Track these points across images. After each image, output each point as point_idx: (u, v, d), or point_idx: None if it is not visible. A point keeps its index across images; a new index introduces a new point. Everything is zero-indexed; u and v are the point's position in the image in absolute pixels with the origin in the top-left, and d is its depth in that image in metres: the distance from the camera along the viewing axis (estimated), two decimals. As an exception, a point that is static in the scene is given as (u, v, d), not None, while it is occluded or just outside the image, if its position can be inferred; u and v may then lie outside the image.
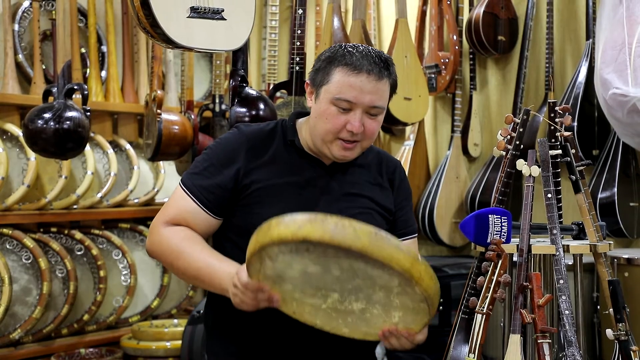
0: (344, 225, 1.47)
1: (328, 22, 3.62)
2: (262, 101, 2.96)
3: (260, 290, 1.62)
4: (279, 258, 1.55)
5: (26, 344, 3.45)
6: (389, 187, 2.00)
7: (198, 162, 1.90)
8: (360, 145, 1.85)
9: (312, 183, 1.89)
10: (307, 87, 1.90)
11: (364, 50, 1.81)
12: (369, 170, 1.98)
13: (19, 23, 3.63)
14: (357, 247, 1.46)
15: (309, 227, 1.47)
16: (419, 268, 1.54)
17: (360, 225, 1.48)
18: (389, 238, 1.50)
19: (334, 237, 1.46)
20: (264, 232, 1.52)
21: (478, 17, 3.68)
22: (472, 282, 2.44)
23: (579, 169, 2.31)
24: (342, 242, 1.46)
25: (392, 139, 4.33)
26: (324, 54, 1.85)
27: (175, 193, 1.89)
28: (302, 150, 1.91)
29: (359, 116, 1.79)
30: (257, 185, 1.85)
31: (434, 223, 3.77)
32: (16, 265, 3.40)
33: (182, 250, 1.78)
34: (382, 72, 1.80)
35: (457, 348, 2.44)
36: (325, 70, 1.82)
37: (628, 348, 2.15)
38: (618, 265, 2.80)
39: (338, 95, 1.78)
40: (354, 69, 1.78)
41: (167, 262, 1.85)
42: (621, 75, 2.84)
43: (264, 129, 1.93)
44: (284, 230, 1.49)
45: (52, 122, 2.86)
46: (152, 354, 3.47)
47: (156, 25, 2.32)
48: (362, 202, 1.93)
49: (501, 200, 2.38)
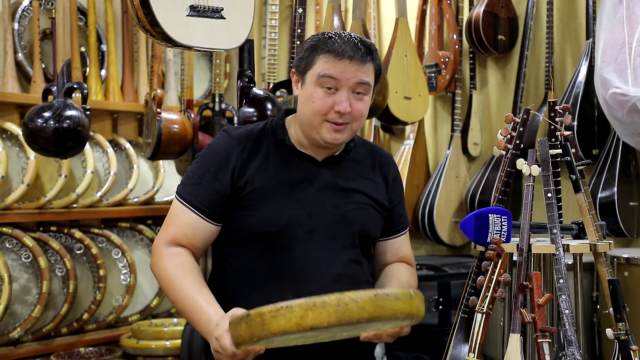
0: (346, 303, 1.47)
1: (328, 22, 3.62)
2: (270, 101, 2.96)
3: (246, 355, 1.63)
4: (276, 340, 1.54)
5: (26, 343, 3.44)
6: (382, 182, 2.00)
7: (192, 172, 1.90)
8: (350, 128, 1.85)
9: (305, 180, 1.89)
10: (293, 76, 1.91)
11: (346, 36, 1.83)
12: (362, 165, 1.98)
13: (18, 22, 3.63)
14: (364, 317, 1.48)
15: (313, 315, 1.46)
16: (416, 304, 1.57)
17: (359, 294, 1.49)
18: (388, 293, 1.53)
19: (341, 318, 1.47)
20: (259, 326, 1.49)
21: (478, 16, 3.68)
22: (472, 281, 2.43)
23: (579, 168, 2.31)
24: (349, 319, 1.47)
25: (392, 138, 4.33)
26: (306, 43, 1.87)
27: (173, 207, 1.89)
28: (293, 148, 1.91)
29: (346, 95, 1.81)
30: (251, 187, 1.85)
31: (433, 222, 3.77)
32: (16, 264, 3.40)
33: (174, 281, 1.80)
34: (364, 57, 1.82)
35: (457, 347, 2.44)
36: (309, 58, 1.84)
37: (628, 347, 2.15)
38: (618, 264, 2.80)
39: (322, 72, 1.80)
40: (336, 55, 1.79)
41: (162, 288, 1.88)
42: (621, 75, 2.84)
43: (253, 130, 1.93)
44: (285, 323, 1.47)
45: (52, 121, 2.86)
46: (151, 353, 3.47)
47: (155, 23, 2.31)
48: (357, 197, 1.93)
49: (501, 199, 2.38)
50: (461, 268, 3.55)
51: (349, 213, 1.90)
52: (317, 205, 1.87)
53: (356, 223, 1.91)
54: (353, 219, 1.90)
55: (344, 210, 1.90)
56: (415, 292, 1.58)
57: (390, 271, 2.03)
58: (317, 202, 1.87)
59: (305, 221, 1.85)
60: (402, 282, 1.96)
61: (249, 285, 1.87)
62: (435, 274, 3.50)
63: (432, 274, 3.49)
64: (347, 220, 1.89)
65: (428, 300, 3.43)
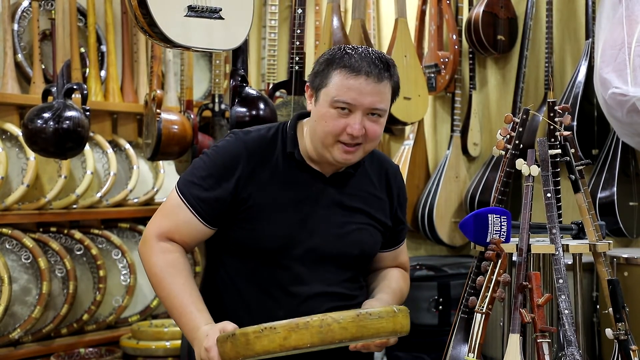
0: (328, 324, 1.51)
1: (327, 22, 3.62)
2: (262, 101, 2.95)
3: None
4: (262, 358, 1.57)
5: (26, 343, 3.44)
6: (387, 199, 1.98)
7: (196, 168, 1.86)
8: (362, 148, 1.82)
9: (311, 197, 1.86)
10: (307, 90, 1.86)
11: (364, 52, 1.78)
12: (368, 180, 1.95)
13: (18, 23, 3.63)
14: (347, 338, 1.53)
15: (296, 337, 1.50)
16: (400, 320, 1.60)
17: (342, 315, 1.53)
18: (371, 313, 1.56)
19: (323, 339, 1.51)
20: (244, 345, 1.53)
21: (477, 16, 3.68)
22: (471, 281, 2.43)
23: (579, 168, 2.31)
24: (332, 339, 1.52)
25: (391, 138, 4.33)
26: (323, 57, 1.82)
27: (171, 198, 1.86)
28: (302, 162, 1.87)
29: (359, 119, 1.76)
30: (254, 200, 1.82)
31: (433, 222, 3.77)
32: (15, 265, 3.40)
33: (164, 279, 1.78)
34: (381, 74, 1.76)
35: (457, 348, 2.44)
36: (324, 73, 1.79)
37: (627, 347, 2.15)
38: (617, 264, 2.80)
39: (337, 97, 1.75)
40: (352, 71, 1.74)
41: (151, 282, 1.85)
42: (621, 75, 2.84)
43: (265, 137, 1.88)
44: (268, 344, 1.51)
45: (52, 121, 2.86)
46: (151, 354, 3.46)
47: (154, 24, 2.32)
48: (359, 218, 1.91)
49: (500, 199, 2.37)
50: (461, 268, 3.56)
51: (351, 234, 1.89)
52: (320, 224, 1.85)
53: (356, 246, 1.90)
54: (354, 241, 1.89)
55: (346, 230, 1.88)
56: (399, 308, 1.60)
57: (383, 275, 2.04)
58: (320, 221, 1.86)
59: (306, 240, 1.84)
60: (393, 288, 1.97)
61: (239, 299, 1.86)
62: (435, 274, 3.50)
63: (432, 274, 3.50)
64: (348, 242, 1.88)
65: (428, 300, 3.44)
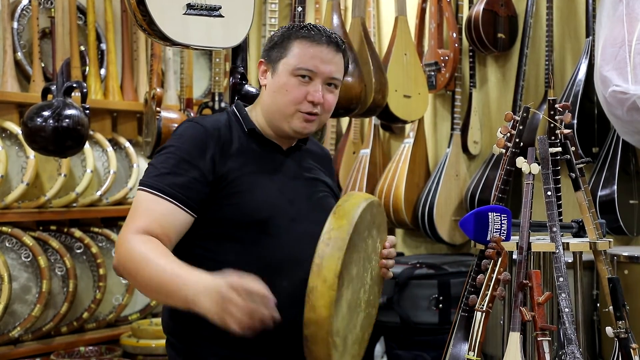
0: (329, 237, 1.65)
1: (327, 20, 3.61)
2: (261, 99, 2.95)
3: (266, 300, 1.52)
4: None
5: (26, 342, 3.44)
6: (328, 177, 2.06)
7: (161, 163, 1.77)
8: (319, 119, 1.88)
9: (278, 169, 1.91)
10: (261, 65, 1.92)
11: (319, 26, 1.89)
12: (314, 156, 2.04)
13: (18, 21, 3.62)
14: (345, 227, 1.65)
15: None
16: (361, 194, 1.79)
17: (326, 227, 1.66)
18: (338, 203, 1.73)
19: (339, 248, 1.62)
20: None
21: (478, 14, 3.68)
22: (471, 280, 2.43)
23: (579, 166, 2.31)
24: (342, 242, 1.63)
25: (391, 136, 4.33)
26: (277, 33, 1.90)
27: (140, 201, 1.73)
28: (262, 137, 1.91)
29: (320, 86, 1.84)
30: (235, 173, 1.81)
31: (433, 221, 3.77)
32: (15, 263, 3.40)
33: (148, 258, 1.63)
34: (339, 46, 1.86)
35: (457, 346, 2.44)
36: (283, 45, 1.86)
37: (628, 346, 2.15)
38: (618, 262, 2.80)
39: (299, 65, 1.83)
40: (312, 40, 1.83)
41: (131, 274, 1.68)
42: (621, 73, 2.84)
43: (219, 120, 1.90)
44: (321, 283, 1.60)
45: (51, 120, 2.86)
46: (151, 352, 3.47)
47: (152, 22, 2.31)
48: (321, 186, 1.99)
49: (501, 197, 2.37)
50: (461, 266, 3.55)
51: (321, 200, 1.95)
52: (294, 193, 1.90)
53: (329, 210, 1.86)
54: (326, 206, 1.89)
55: (316, 197, 1.95)
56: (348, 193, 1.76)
57: None
58: (293, 190, 1.90)
59: (288, 209, 1.86)
60: None
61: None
62: (435, 273, 3.50)
63: (432, 272, 3.49)
64: (322, 207, 1.89)
65: (428, 298, 3.44)
